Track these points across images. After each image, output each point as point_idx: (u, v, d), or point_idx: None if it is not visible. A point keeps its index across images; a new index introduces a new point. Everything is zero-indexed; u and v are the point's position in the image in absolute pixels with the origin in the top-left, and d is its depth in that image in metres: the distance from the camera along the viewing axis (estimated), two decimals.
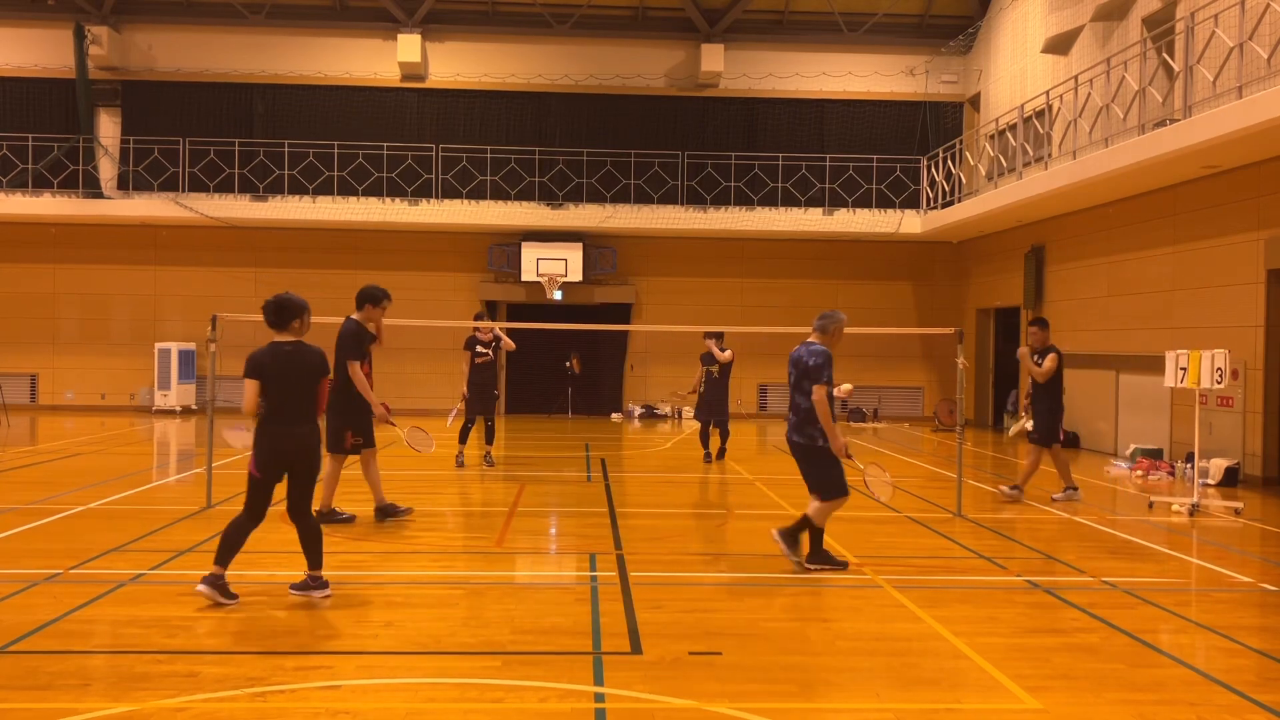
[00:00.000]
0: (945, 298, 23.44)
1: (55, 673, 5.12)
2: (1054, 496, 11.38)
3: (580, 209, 22.17)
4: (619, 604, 6.58)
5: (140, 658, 5.39)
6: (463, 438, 13.31)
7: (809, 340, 7.73)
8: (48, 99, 22.42)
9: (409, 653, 5.56)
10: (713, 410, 14.60)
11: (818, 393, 7.43)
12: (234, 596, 6.35)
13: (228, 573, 6.39)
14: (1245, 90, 11.92)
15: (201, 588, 6.30)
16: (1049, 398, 11.35)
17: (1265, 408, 13.10)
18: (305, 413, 6.51)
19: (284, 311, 6.55)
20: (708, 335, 14.39)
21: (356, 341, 9.01)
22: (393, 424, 9.02)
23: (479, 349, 13.04)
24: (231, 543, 6.42)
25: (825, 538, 7.70)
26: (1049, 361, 11.20)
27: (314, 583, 6.56)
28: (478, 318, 14.16)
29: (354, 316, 9.11)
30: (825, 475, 7.55)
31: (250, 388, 6.36)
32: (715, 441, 14.81)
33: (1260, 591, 7.34)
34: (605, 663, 5.40)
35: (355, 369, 8.92)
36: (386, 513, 9.41)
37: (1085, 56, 17.37)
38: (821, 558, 7.58)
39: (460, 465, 13.19)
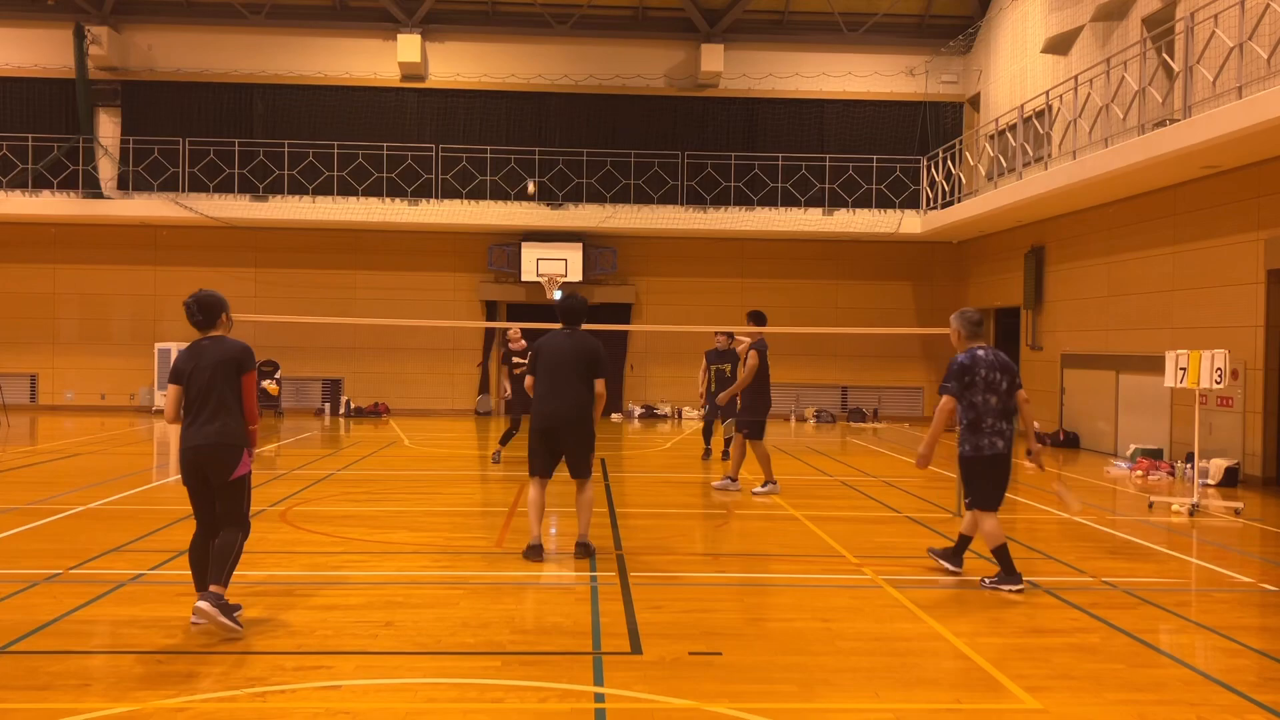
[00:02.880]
0: (945, 298, 23.42)
1: (55, 673, 5.12)
2: (754, 490, 11.48)
3: (580, 209, 22.18)
4: (619, 604, 6.58)
5: (140, 658, 5.38)
6: (505, 440, 14.05)
7: (983, 345, 7.25)
8: (48, 99, 22.43)
9: (409, 653, 5.56)
10: (724, 408, 14.58)
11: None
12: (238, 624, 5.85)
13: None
14: (1245, 90, 11.93)
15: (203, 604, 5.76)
16: (757, 393, 11.42)
17: (1265, 408, 13.10)
18: (218, 410, 5.84)
19: (209, 308, 6.13)
20: (719, 334, 14.48)
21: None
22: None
23: (515, 360, 13.81)
24: (200, 562, 5.91)
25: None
26: (752, 358, 11.29)
27: (214, 600, 5.67)
28: (497, 325, 14.94)
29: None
30: None
31: (171, 393, 5.91)
32: (718, 441, 14.81)
33: (1260, 591, 7.34)
34: (605, 663, 5.40)
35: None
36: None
37: (1085, 56, 17.37)
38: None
39: (497, 461, 14.03)
